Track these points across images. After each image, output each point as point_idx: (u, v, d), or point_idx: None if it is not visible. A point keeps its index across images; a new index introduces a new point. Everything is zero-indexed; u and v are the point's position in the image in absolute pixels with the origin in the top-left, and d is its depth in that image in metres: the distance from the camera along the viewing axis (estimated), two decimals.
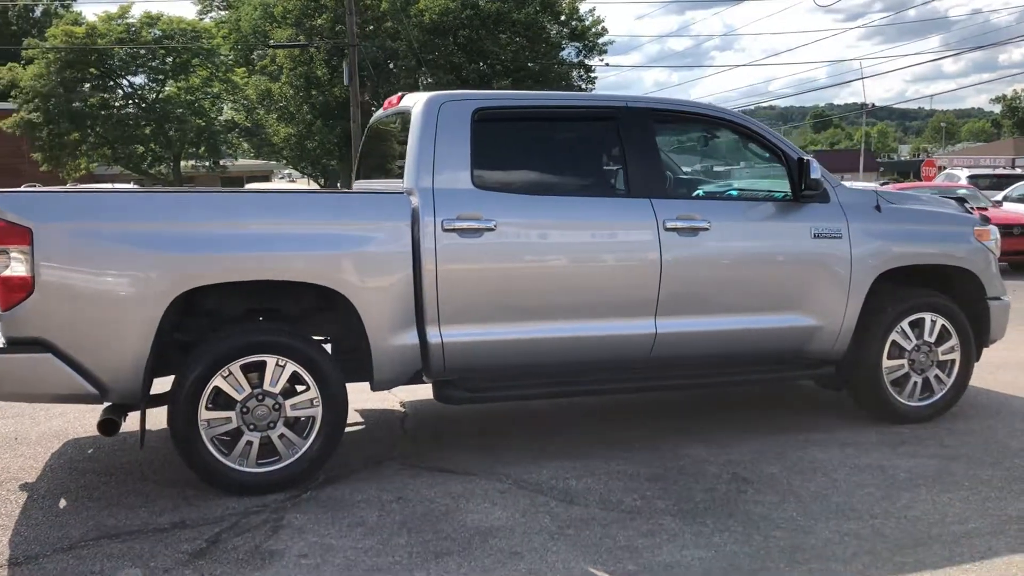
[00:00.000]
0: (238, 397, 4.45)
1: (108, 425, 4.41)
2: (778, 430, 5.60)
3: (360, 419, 5.98)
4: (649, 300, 5.06)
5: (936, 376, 5.75)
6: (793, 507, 4.36)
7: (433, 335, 4.74)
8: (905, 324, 5.62)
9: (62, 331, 4.23)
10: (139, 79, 33.02)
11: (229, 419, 4.46)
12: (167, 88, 33.39)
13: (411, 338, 4.71)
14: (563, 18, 38.35)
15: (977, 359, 6.00)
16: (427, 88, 35.60)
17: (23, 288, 4.15)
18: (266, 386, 4.49)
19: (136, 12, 33.13)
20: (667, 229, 5.06)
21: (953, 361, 5.77)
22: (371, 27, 34.11)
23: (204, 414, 4.41)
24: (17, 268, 4.14)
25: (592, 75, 39.67)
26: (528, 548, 3.91)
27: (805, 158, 5.21)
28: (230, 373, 4.43)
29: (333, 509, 4.37)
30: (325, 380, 4.57)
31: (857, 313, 5.47)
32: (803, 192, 5.27)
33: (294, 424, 4.58)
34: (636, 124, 5.18)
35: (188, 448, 4.42)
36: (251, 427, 4.49)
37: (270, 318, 4.80)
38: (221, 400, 4.45)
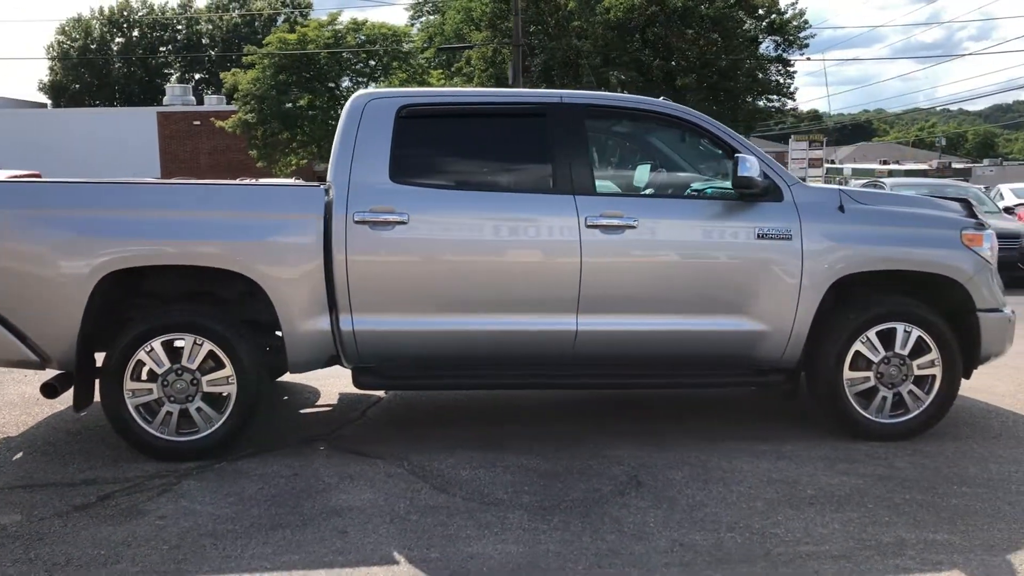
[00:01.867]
0: (159, 371, 4.88)
1: (48, 389, 4.96)
2: (726, 437, 5.37)
3: (334, 401, 6.30)
4: (569, 297, 5.03)
5: (911, 392, 5.30)
6: (658, 514, 4.23)
7: (345, 323, 4.96)
8: (872, 334, 5.23)
9: (7, 304, 4.82)
10: (345, 82, 35.09)
11: (151, 390, 4.89)
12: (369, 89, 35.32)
13: (323, 325, 4.96)
14: (760, 12, 37.04)
15: (967, 376, 5.47)
16: (615, 86, 35.60)
17: None
18: (184, 362, 4.89)
19: (344, 19, 35.07)
20: (589, 226, 5.00)
21: (933, 377, 5.29)
22: (550, 26, 34.50)
23: (129, 384, 4.87)
24: None
25: (791, 70, 38.05)
26: (359, 529, 4.06)
27: (739, 155, 4.97)
28: (152, 349, 4.86)
29: (227, 479, 4.70)
30: (240, 360, 4.91)
31: (809, 319, 5.16)
32: (734, 190, 5.04)
33: (211, 399, 4.95)
34: (567, 120, 5.15)
35: (115, 414, 4.90)
36: (171, 399, 4.91)
37: (207, 301, 5.18)
38: (145, 373, 4.89)
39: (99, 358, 5.02)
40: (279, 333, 5.08)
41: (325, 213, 4.91)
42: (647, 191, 5.44)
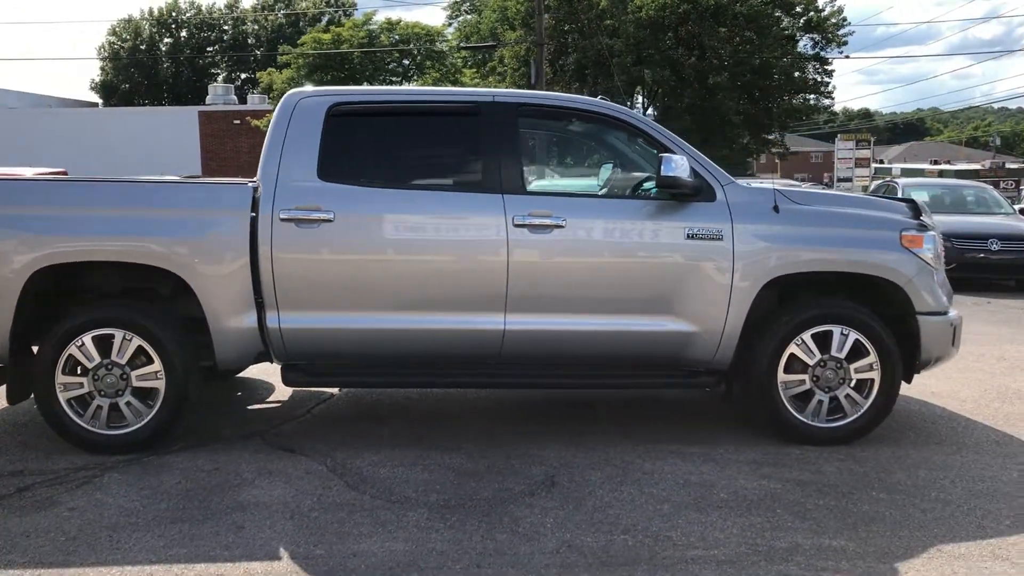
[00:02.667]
0: (89, 365, 4.97)
1: None
2: (660, 439, 5.32)
3: (285, 397, 6.35)
4: (497, 296, 5.02)
5: (848, 396, 5.20)
6: (560, 514, 4.21)
7: (272, 320, 5.01)
8: (807, 336, 5.14)
9: None
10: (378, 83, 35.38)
11: (82, 384, 4.99)
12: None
13: (250, 322, 5.01)
14: (798, 9, 36.58)
15: (908, 380, 5.36)
16: (648, 85, 35.41)
17: None
18: (114, 357, 4.98)
19: (379, 19, 35.35)
20: (517, 225, 4.99)
21: (871, 381, 5.19)
22: (583, 24, 34.39)
23: (60, 378, 4.97)
24: None
25: (829, 68, 37.53)
26: (256, 525, 4.10)
27: (663, 155, 4.92)
28: (83, 344, 4.96)
29: (150, 472, 4.78)
30: (168, 355, 4.98)
31: (741, 321, 5.09)
32: (658, 189, 4.99)
33: (141, 393, 5.03)
34: (499, 119, 5.14)
35: (47, 408, 5.00)
36: (102, 393, 4.99)
37: (144, 298, 5.26)
38: (76, 367, 4.98)
39: None
40: None
41: (252, 211, 4.96)
42: (578, 190, 5.41)
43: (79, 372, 4.99)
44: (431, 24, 36.92)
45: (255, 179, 5.09)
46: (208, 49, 73.44)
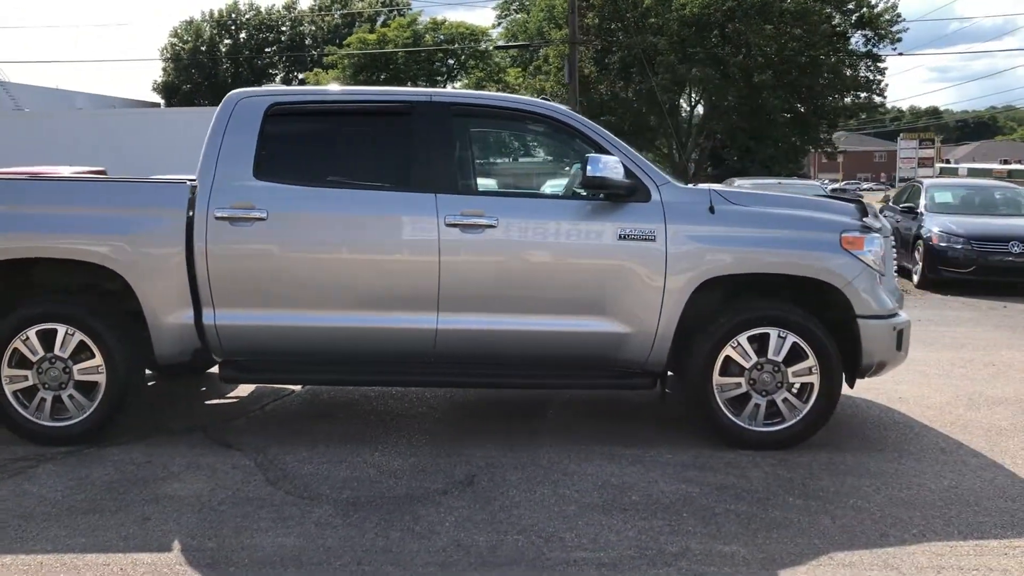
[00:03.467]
0: (33, 359, 5.12)
1: None
2: (595, 440, 5.29)
3: (243, 393, 6.45)
4: (429, 295, 5.05)
5: (786, 400, 5.11)
6: (463, 513, 4.23)
7: (208, 317, 5.11)
8: (743, 339, 5.06)
9: None
10: (425, 83, 35.76)
11: (27, 377, 5.14)
12: (447, 89, 35.90)
13: (187, 318, 5.11)
14: (850, 6, 35.88)
15: (851, 385, 5.25)
16: (693, 82, 35.07)
17: None
18: (57, 351, 5.12)
19: (425, 19, 35.70)
20: (448, 225, 5.01)
21: (811, 385, 5.09)
22: (629, 22, 34.19)
23: (6, 371, 5.13)
24: None
25: (881, 65, 36.71)
26: (162, 517, 4.18)
27: (589, 155, 4.90)
28: (28, 337, 5.11)
29: (84, 464, 4.90)
30: (108, 350, 5.11)
31: (674, 322, 5.04)
32: (584, 190, 4.96)
33: (83, 387, 5.17)
34: (433, 118, 5.17)
35: None
36: (45, 386, 5.14)
37: (91, 294, 5.38)
38: (22, 360, 5.14)
39: None
40: None
41: (188, 209, 5.05)
42: (512, 190, 5.40)
43: (24, 365, 5.14)
44: (477, 24, 37.06)
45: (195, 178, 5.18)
46: (267, 50, 74.72)
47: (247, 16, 74.20)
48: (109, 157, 25.51)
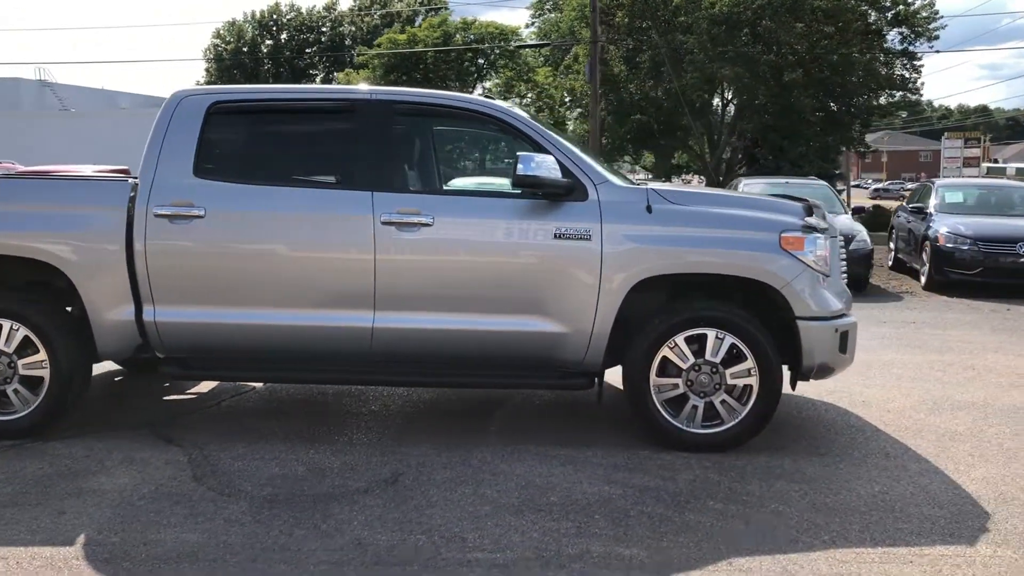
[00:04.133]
0: None
1: None
2: (533, 440, 5.24)
3: (204, 389, 6.50)
4: (365, 294, 5.05)
5: (724, 402, 5.03)
6: (376, 512, 4.22)
7: (148, 314, 5.16)
8: (680, 339, 5.00)
9: None
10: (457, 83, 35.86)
11: None
12: (475, 89, 35.97)
13: (127, 315, 5.17)
14: (885, 3, 35.21)
15: (792, 387, 5.16)
16: (721, 82, 34.73)
17: None
18: (2, 346, 5.20)
19: (455, 19, 35.76)
20: (384, 223, 5.01)
21: (750, 387, 5.01)
22: (660, 20, 33.92)
23: None
24: None
25: (918, 63, 35.99)
26: (78, 511, 4.22)
27: (520, 153, 4.86)
28: None
29: (21, 457, 4.97)
30: (52, 345, 5.18)
31: (610, 322, 4.99)
32: (514, 188, 4.93)
33: (28, 381, 5.25)
34: (373, 117, 5.17)
35: None
36: None
37: (40, 289, 5.45)
38: None
39: None
40: None
41: (128, 206, 5.11)
42: (451, 188, 5.38)
43: None
44: (508, 24, 37.03)
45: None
46: (307, 50, 75.48)
47: (288, 17, 75.04)
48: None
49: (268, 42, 74.76)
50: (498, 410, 6.02)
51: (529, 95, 37.25)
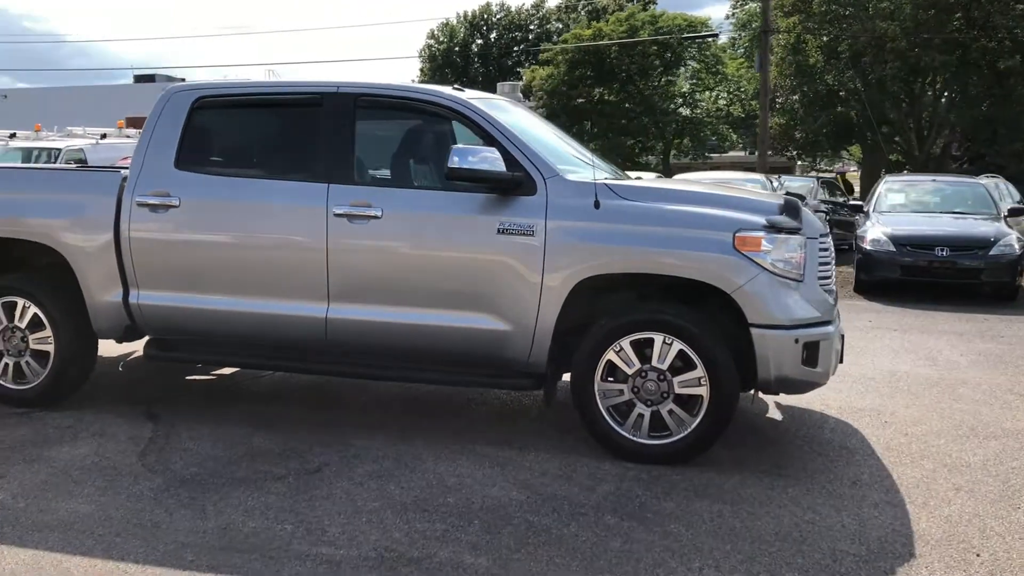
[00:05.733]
0: None
1: None
2: (479, 440, 5.12)
3: (223, 373, 6.81)
4: (319, 285, 5.12)
5: (672, 412, 4.70)
6: (269, 500, 4.27)
7: (133, 297, 5.48)
8: (626, 343, 4.72)
9: None
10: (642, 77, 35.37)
11: None
12: (661, 81, 35.33)
13: (116, 297, 5.51)
14: None
15: (751, 401, 4.75)
16: (929, 70, 32.27)
17: None
18: (16, 322, 5.70)
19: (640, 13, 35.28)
20: (336, 215, 5.06)
21: (699, 398, 4.66)
22: (866, 7, 31.90)
23: None
24: None
25: None
26: (18, 476, 4.55)
27: (454, 146, 4.75)
28: None
29: (16, 424, 5.42)
30: (55, 322, 5.63)
31: (552, 321, 4.79)
32: (449, 181, 4.82)
33: (37, 355, 5.71)
34: (338, 109, 5.22)
35: None
36: (8, 352, 5.74)
37: (49, 271, 5.85)
38: None
39: None
40: None
41: (118, 195, 5.44)
42: (404, 181, 5.33)
43: None
44: (703, 15, 36.02)
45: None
46: (515, 49, 76.94)
47: (498, 16, 76.77)
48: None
49: (478, 41, 76.80)
50: (470, 408, 5.91)
51: (718, 88, 36.21)
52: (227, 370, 6.81)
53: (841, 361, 5.17)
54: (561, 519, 4.06)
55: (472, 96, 5.23)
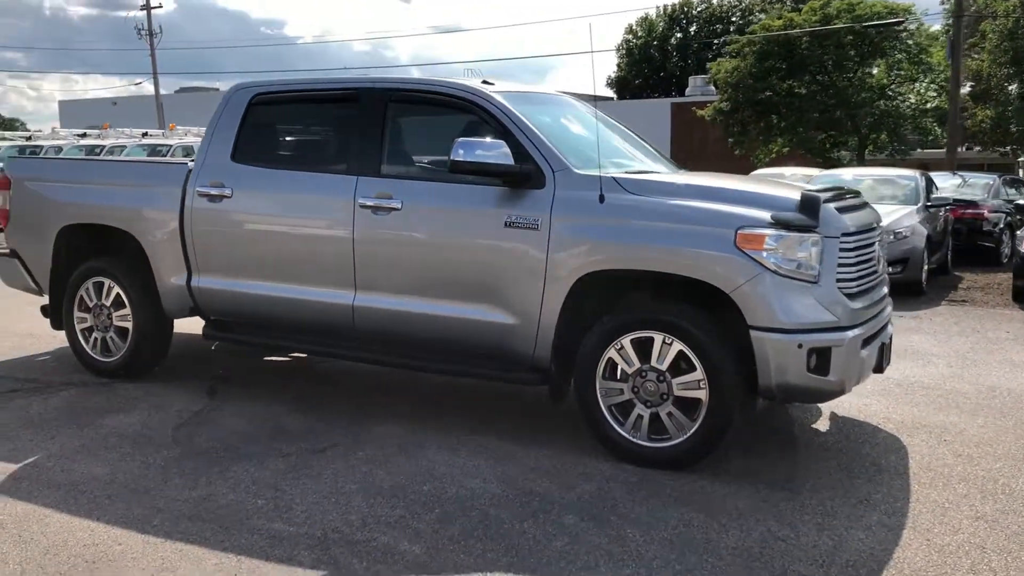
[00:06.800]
0: (90, 304, 6.34)
1: (43, 310, 6.71)
2: (492, 432, 5.14)
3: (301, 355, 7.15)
4: (347, 274, 5.32)
5: (671, 414, 4.55)
6: (259, 476, 4.48)
7: (194, 280, 5.91)
8: (627, 341, 4.60)
9: (21, 246, 6.67)
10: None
11: (86, 319, 6.38)
12: (857, 73, 33.32)
13: (181, 280, 5.95)
14: None
15: (751, 407, 4.51)
16: None
17: (5, 217, 6.70)
18: (102, 300, 6.28)
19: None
20: (361, 207, 5.24)
21: (699, 401, 4.48)
22: None
23: (76, 313, 6.40)
24: (4, 203, 6.70)
25: None
26: (63, 439, 5.03)
27: (458, 139, 4.77)
28: (88, 288, 6.33)
29: (94, 392, 5.98)
30: (133, 302, 6.15)
31: (555, 317, 4.74)
32: (451, 173, 4.86)
33: (119, 331, 6.26)
34: (371, 104, 5.39)
35: (72, 336, 6.48)
36: (98, 328, 6.35)
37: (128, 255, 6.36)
38: (84, 305, 6.38)
39: None
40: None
41: (183, 186, 5.87)
42: (425, 174, 5.40)
43: (85, 309, 6.36)
44: (904, 2, 33.59)
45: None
46: (715, 42, 75.24)
47: (699, 9, 75.34)
48: None
49: (677, 35, 75.70)
50: (495, 401, 5.89)
51: (922, 78, 33.74)
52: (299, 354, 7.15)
53: (881, 370, 4.82)
54: (519, 515, 4.02)
55: (497, 90, 5.23)
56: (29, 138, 24.41)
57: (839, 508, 4.15)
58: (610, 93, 72.84)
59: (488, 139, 4.81)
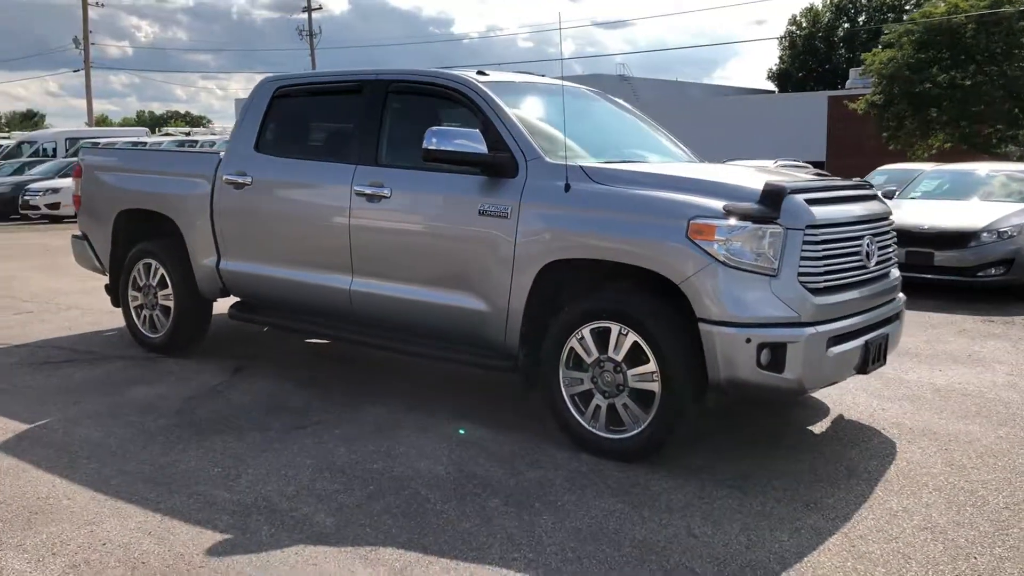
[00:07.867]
0: (141, 283, 6.83)
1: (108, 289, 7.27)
2: (475, 419, 5.21)
3: None
4: (345, 258, 5.53)
5: (626, 406, 4.50)
6: (232, 448, 4.72)
7: (222, 263, 6.28)
8: (587, 331, 4.58)
9: (89, 229, 7.26)
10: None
11: (137, 297, 6.88)
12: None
13: (211, 263, 6.34)
14: None
15: (704, 399, 4.39)
16: None
17: (78, 203, 7.32)
18: (149, 279, 6.76)
19: None
20: (356, 194, 5.44)
21: (652, 393, 4.41)
22: None
23: (131, 292, 6.92)
24: (77, 190, 7.31)
25: None
26: (83, 406, 5.44)
27: (430, 128, 4.86)
28: (139, 268, 6.82)
29: (133, 366, 6.45)
30: (174, 282, 6.59)
31: (522, 305, 4.78)
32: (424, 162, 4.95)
33: (164, 310, 6.73)
34: (373, 95, 5.58)
35: (126, 311, 7.01)
36: (146, 306, 6.83)
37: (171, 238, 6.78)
38: (135, 285, 6.89)
39: None
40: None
41: (214, 174, 6.24)
42: (415, 162, 5.47)
43: (137, 289, 6.86)
44: None
45: None
46: (885, 32, 71.73)
47: None
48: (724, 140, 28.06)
49: (845, 25, 72.64)
50: (493, 388, 5.91)
51: None
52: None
53: (865, 371, 4.61)
54: (447, 497, 4.09)
55: (486, 80, 5.29)
56: (188, 133, 26.26)
57: (778, 510, 3.99)
58: (771, 87, 70.81)
59: (462, 128, 4.87)
